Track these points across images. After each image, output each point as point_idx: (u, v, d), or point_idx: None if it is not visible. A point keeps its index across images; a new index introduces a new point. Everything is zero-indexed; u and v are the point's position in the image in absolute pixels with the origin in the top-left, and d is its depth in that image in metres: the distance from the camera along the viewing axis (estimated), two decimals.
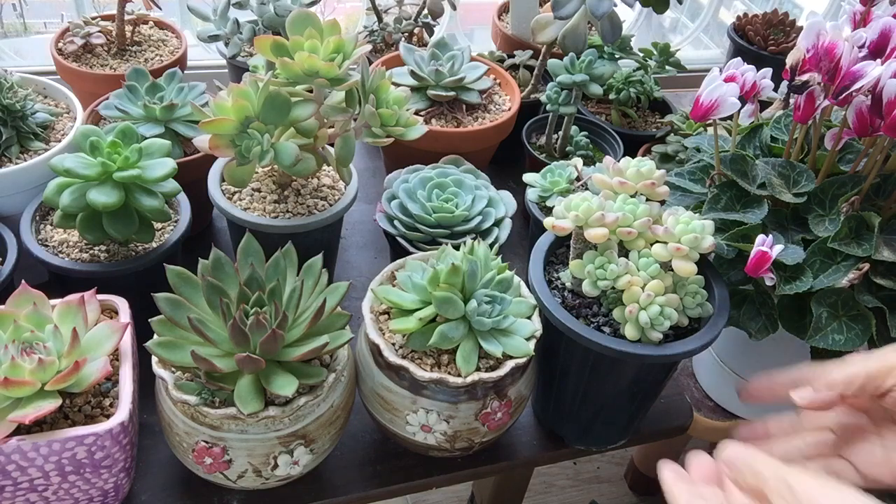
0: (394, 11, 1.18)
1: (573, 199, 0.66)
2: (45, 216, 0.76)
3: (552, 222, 0.66)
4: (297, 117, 0.70)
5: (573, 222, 0.65)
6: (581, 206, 0.65)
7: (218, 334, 0.58)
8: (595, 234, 0.64)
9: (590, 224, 0.65)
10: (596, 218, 0.64)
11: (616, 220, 0.64)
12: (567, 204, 0.66)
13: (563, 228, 0.65)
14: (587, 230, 0.65)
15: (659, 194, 0.69)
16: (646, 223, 0.65)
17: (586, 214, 0.64)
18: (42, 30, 1.34)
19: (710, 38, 1.65)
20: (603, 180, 0.70)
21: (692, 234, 0.64)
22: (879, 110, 0.63)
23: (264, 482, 0.63)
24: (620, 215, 0.65)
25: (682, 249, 0.63)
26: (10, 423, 0.53)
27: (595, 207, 0.65)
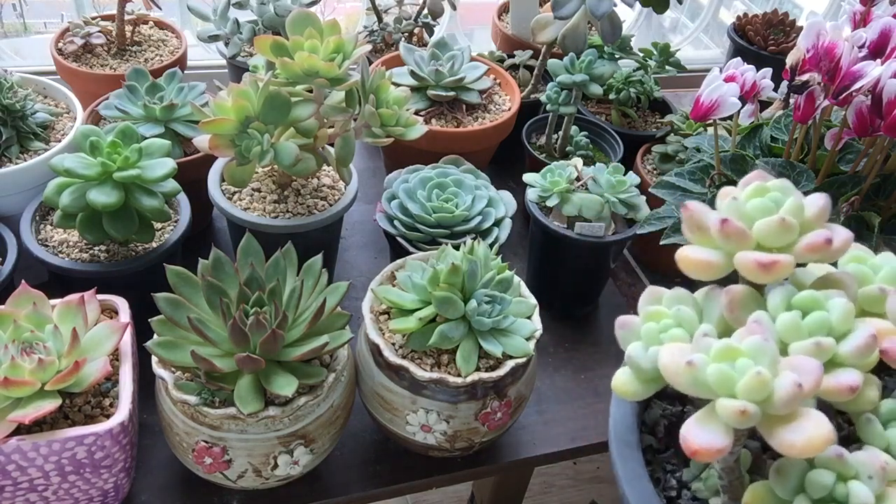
0: (394, 11, 1.18)
1: (700, 365, 0.36)
2: (45, 216, 0.76)
3: (626, 389, 0.41)
4: (297, 117, 0.70)
5: (735, 424, 0.35)
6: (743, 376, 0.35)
7: (218, 334, 0.58)
8: (812, 441, 0.34)
9: (780, 413, 0.35)
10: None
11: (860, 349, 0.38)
12: (697, 376, 0.36)
13: (714, 451, 0.35)
14: (780, 431, 0.35)
15: (833, 255, 0.41)
16: (870, 344, 0.38)
17: (758, 395, 0.35)
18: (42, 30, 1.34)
19: (710, 38, 1.65)
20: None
21: None
22: (879, 110, 0.63)
23: (264, 482, 0.63)
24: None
25: None
26: (10, 423, 0.53)
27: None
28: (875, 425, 0.40)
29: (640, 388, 0.40)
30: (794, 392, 0.34)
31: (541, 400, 0.81)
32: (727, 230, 0.39)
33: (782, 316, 0.38)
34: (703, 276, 0.41)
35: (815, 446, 0.34)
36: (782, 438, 0.34)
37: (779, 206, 0.40)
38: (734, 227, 0.39)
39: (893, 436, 0.40)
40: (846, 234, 0.40)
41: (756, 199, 0.41)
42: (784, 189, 0.41)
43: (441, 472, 0.73)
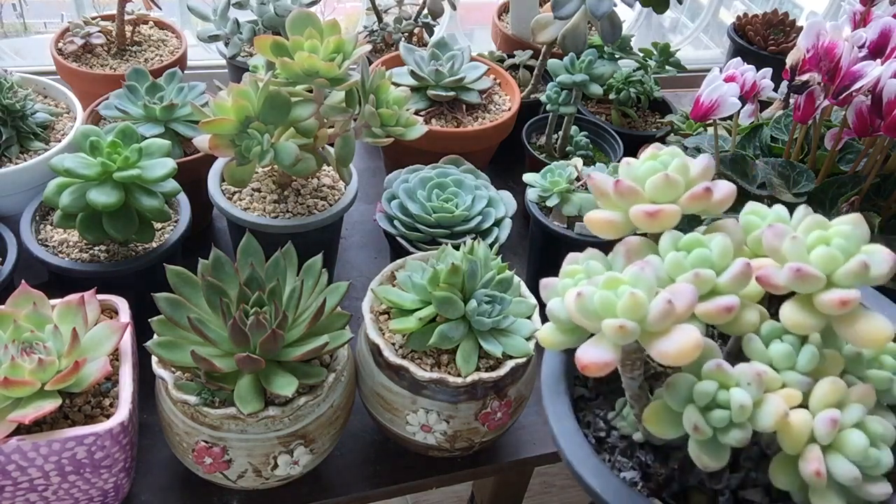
0: (394, 11, 1.18)
1: (588, 294, 0.40)
2: (45, 216, 0.76)
3: (549, 340, 0.43)
4: (297, 117, 0.70)
5: (617, 340, 0.39)
6: (619, 302, 0.39)
7: (218, 334, 0.58)
8: (682, 348, 0.38)
9: (655, 329, 0.39)
10: (662, 313, 0.39)
11: (724, 308, 0.40)
12: (585, 304, 0.40)
13: (600, 364, 0.39)
14: (656, 344, 0.39)
15: (717, 206, 0.45)
16: (744, 271, 0.41)
17: (634, 314, 0.39)
18: (42, 30, 1.34)
19: (710, 38, 1.65)
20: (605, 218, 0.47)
21: (849, 254, 0.40)
22: (879, 110, 0.63)
23: (264, 482, 0.63)
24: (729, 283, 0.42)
25: (848, 299, 0.38)
26: (10, 423, 0.53)
27: (643, 291, 0.39)
28: (756, 343, 0.44)
29: (562, 338, 0.44)
30: (666, 308, 0.39)
31: (541, 400, 0.81)
32: (621, 189, 0.45)
33: (669, 255, 0.43)
34: (608, 233, 0.47)
35: (686, 352, 0.38)
36: (658, 349, 0.39)
37: (666, 167, 0.46)
38: (626, 186, 0.45)
39: (774, 351, 0.43)
40: (727, 187, 0.45)
41: (647, 163, 0.47)
42: (672, 153, 0.47)
43: (441, 472, 0.73)
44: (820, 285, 0.40)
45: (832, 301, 0.39)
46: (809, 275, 0.39)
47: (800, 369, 0.43)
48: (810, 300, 0.40)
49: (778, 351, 0.43)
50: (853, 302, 0.38)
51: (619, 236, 0.46)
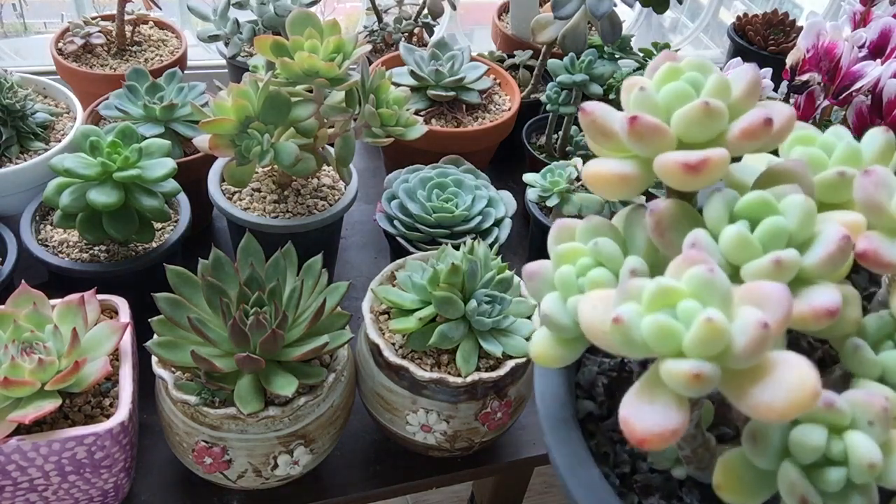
0: (394, 11, 1.18)
1: (630, 319, 0.27)
2: (45, 216, 0.76)
3: (545, 354, 0.32)
4: (297, 117, 0.70)
5: (689, 392, 0.27)
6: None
7: (218, 334, 0.58)
8: (794, 397, 0.26)
9: (743, 367, 0.27)
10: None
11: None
12: (630, 334, 0.27)
13: (667, 434, 0.27)
14: (748, 391, 0.27)
15: (774, 139, 0.33)
16: (843, 247, 0.29)
17: (712, 349, 0.26)
18: (42, 30, 1.34)
19: (710, 38, 1.65)
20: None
21: None
22: (879, 110, 0.63)
23: (264, 482, 0.63)
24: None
25: None
26: (10, 423, 0.53)
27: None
28: (864, 352, 0.31)
29: (563, 352, 0.32)
30: (761, 336, 0.25)
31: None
32: (638, 129, 0.31)
33: (726, 230, 0.30)
34: (620, 193, 0.33)
35: (802, 403, 0.25)
36: (756, 401, 0.26)
37: (698, 89, 0.32)
38: (647, 124, 0.31)
39: (889, 359, 0.31)
40: (787, 111, 0.33)
41: (670, 85, 0.32)
42: (701, 67, 0.34)
43: (441, 472, 0.73)
44: None
45: None
46: None
47: None
48: None
49: (893, 361, 0.31)
50: None
51: (634, 196, 0.34)
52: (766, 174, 0.33)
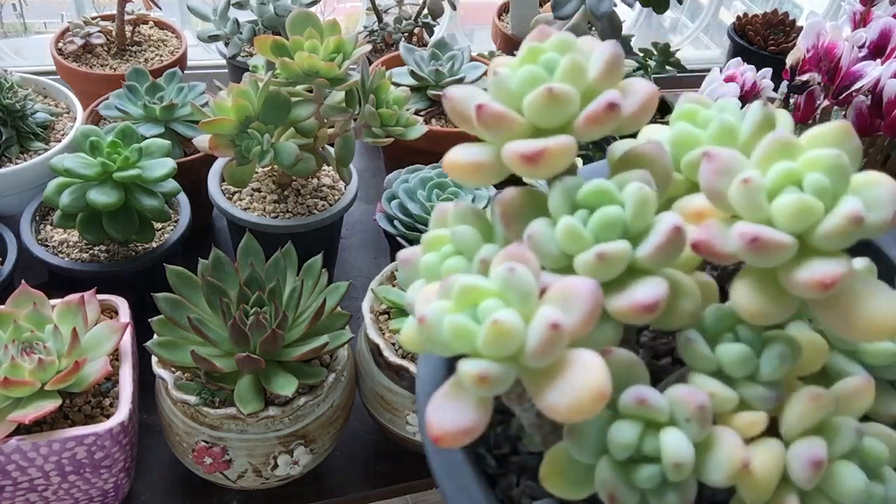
0: (394, 11, 1.18)
1: (434, 319, 0.27)
2: (45, 216, 0.76)
3: (414, 341, 0.30)
4: (297, 117, 0.70)
5: (480, 393, 0.27)
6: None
7: (218, 334, 0.58)
8: (576, 401, 0.26)
9: (537, 367, 0.26)
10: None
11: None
12: (432, 334, 0.27)
13: (459, 433, 0.26)
14: (542, 390, 0.26)
15: (632, 121, 0.31)
16: (672, 239, 0.28)
17: (502, 350, 0.26)
18: (42, 30, 1.34)
19: (710, 38, 1.65)
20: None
21: (831, 197, 0.27)
22: (879, 110, 0.63)
23: (264, 482, 0.63)
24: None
25: (833, 278, 0.26)
26: (10, 423, 0.53)
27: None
28: (696, 346, 0.30)
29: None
30: (549, 337, 0.25)
31: None
32: (484, 118, 0.30)
33: (560, 222, 0.29)
34: (476, 180, 0.33)
35: (583, 407, 0.25)
36: (547, 401, 0.26)
37: (553, 72, 0.30)
38: (491, 112, 0.30)
39: (725, 354, 0.30)
40: (644, 91, 0.31)
41: (524, 68, 0.31)
42: (564, 45, 0.31)
43: None
44: (787, 255, 0.27)
45: (808, 282, 0.26)
46: (771, 243, 0.26)
47: (764, 378, 0.29)
48: (774, 276, 0.28)
49: (730, 354, 0.29)
50: (840, 280, 0.26)
51: (494, 182, 0.33)
52: (622, 158, 0.32)
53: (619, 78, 0.31)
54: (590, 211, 0.29)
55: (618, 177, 0.30)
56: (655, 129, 0.36)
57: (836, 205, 0.27)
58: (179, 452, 0.63)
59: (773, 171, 0.28)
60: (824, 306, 0.27)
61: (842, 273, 0.26)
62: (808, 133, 0.29)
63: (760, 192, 0.28)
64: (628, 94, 0.30)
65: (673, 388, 0.29)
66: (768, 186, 0.28)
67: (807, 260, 0.27)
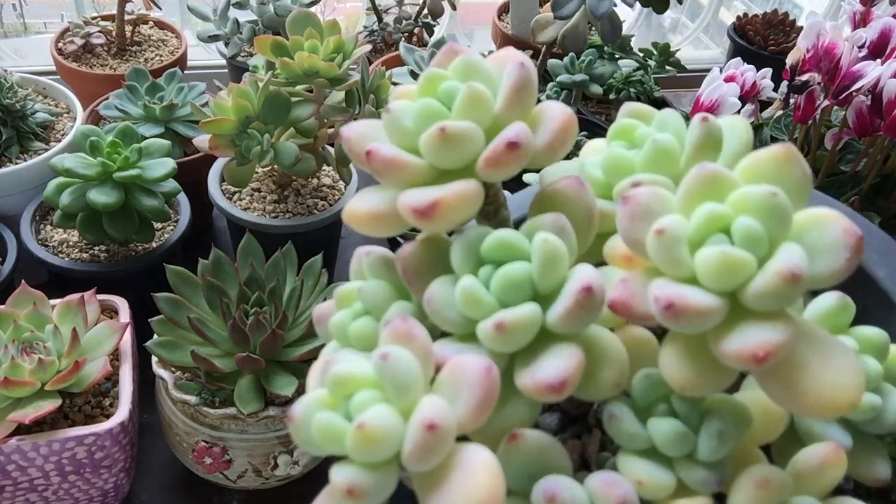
0: (394, 11, 1.18)
1: (305, 414, 0.26)
2: (45, 216, 0.76)
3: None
4: (297, 117, 0.70)
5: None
6: None
7: (218, 334, 0.58)
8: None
9: (418, 471, 0.24)
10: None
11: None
12: (303, 431, 0.26)
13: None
14: (426, 498, 0.24)
15: (544, 156, 0.28)
16: (583, 303, 0.25)
17: (374, 454, 0.24)
18: (42, 30, 1.34)
19: (710, 38, 1.65)
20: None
21: (767, 246, 0.23)
22: (879, 110, 0.63)
23: (264, 482, 0.63)
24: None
25: (767, 351, 0.22)
26: (10, 423, 0.53)
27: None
28: (622, 422, 0.26)
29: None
30: (425, 440, 0.22)
31: None
32: (375, 164, 0.26)
33: (459, 284, 0.25)
34: (379, 231, 0.29)
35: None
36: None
37: (449, 105, 0.27)
38: (381, 158, 0.26)
39: (657, 431, 0.26)
40: (559, 118, 0.27)
41: (421, 101, 0.27)
42: (467, 70, 0.27)
43: None
44: (713, 321, 0.22)
45: (738, 354, 0.22)
46: (689, 310, 0.22)
47: (703, 459, 0.25)
48: (704, 343, 0.23)
49: (663, 432, 0.25)
50: (777, 351, 0.21)
51: (397, 234, 0.30)
52: (539, 197, 0.28)
53: (528, 106, 0.27)
54: (496, 266, 0.25)
55: (528, 223, 0.26)
56: (595, 148, 0.32)
57: (772, 254, 0.22)
58: (179, 452, 0.63)
59: (697, 216, 0.23)
60: (765, 377, 0.23)
61: (778, 343, 0.21)
62: (743, 162, 0.25)
63: (679, 244, 0.23)
64: (540, 123, 0.27)
65: (591, 478, 0.24)
66: (691, 235, 0.23)
67: (739, 324, 0.22)
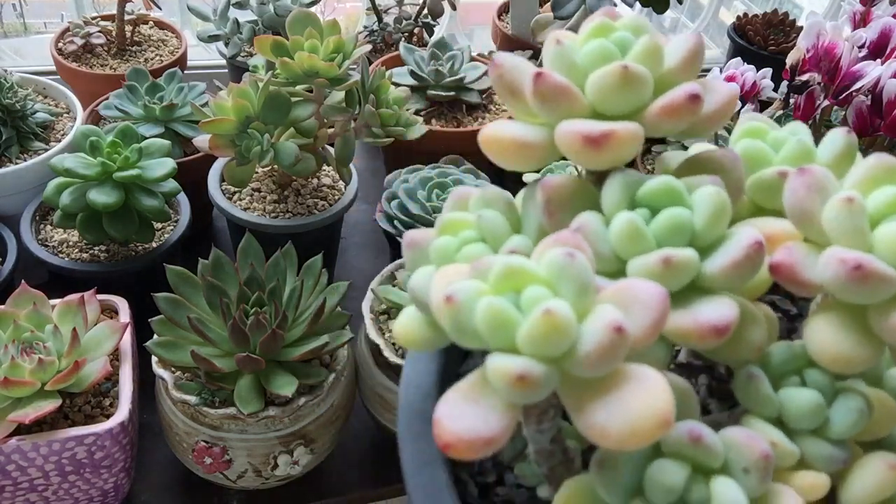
0: (394, 11, 1.18)
1: (465, 299, 0.22)
2: (45, 216, 0.76)
3: (410, 336, 0.28)
4: (297, 117, 0.70)
5: (515, 398, 0.22)
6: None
7: (218, 334, 0.58)
8: (637, 425, 0.21)
9: (588, 375, 0.22)
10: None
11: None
12: (460, 318, 0.22)
13: (479, 443, 0.22)
14: (587, 407, 0.22)
15: (709, 122, 0.29)
16: (752, 255, 0.24)
17: (551, 348, 0.21)
18: (42, 30, 1.34)
19: (710, 38, 1.65)
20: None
21: None
22: (879, 110, 0.63)
23: (264, 482, 0.63)
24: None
25: None
26: (10, 423, 0.53)
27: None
28: (758, 384, 0.25)
29: (431, 335, 0.27)
30: (611, 341, 0.21)
31: None
32: (542, 89, 0.26)
33: (617, 217, 0.25)
34: (518, 163, 0.28)
35: (644, 433, 0.21)
36: (592, 420, 0.21)
37: (625, 52, 0.27)
38: (552, 83, 0.26)
39: (792, 400, 0.25)
40: (727, 91, 0.28)
41: (593, 42, 0.27)
42: (637, 28, 0.28)
43: None
44: (891, 292, 0.22)
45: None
46: (876, 274, 0.22)
47: (833, 434, 0.25)
48: (863, 315, 0.23)
49: (798, 401, 0.25)
50: None
51: (539, 168, 0.29)
52: (689, 161, 0.28)
53: (696, 72, 0.27)
54: (651, 212, 0.25)
55: (686, 179, 0.26)
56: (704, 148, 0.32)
57: None
58: (179, 452, 0.63)
59: (879, 195, 0.24)
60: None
61: None
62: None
63: (863, 216, 0.23)
64: (707, 91, 0.26)
65: (730, 431, 0.24)
66: (871, 212, 0.24)
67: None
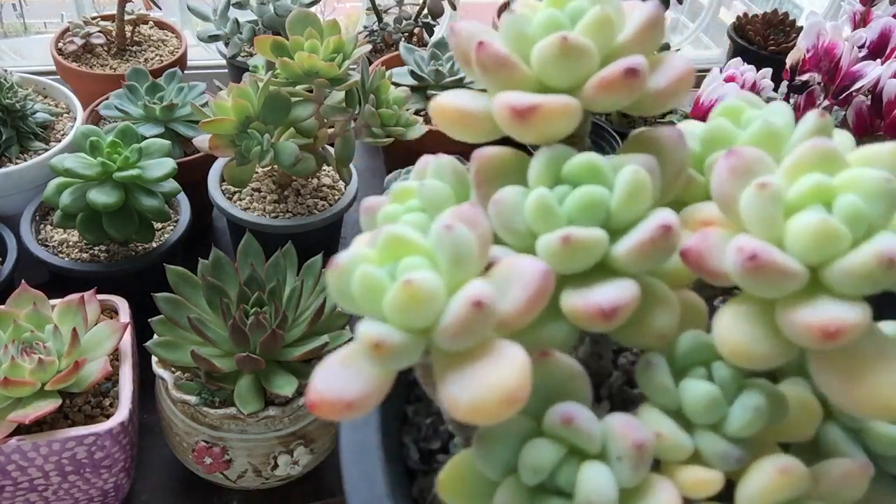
0: (394, 11, 1.18)
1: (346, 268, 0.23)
2: (45, 216, 0.76)
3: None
4: (297, 117, 0.70)
5: (377, 363, 0.22)
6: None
7: (218, 334, 0.58)
8: (481, 398, 0.21)
9: (447, 348, 0.23)
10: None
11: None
12: (342, 285, 0.23)
13: (341, 404, 0.23)
14: (446, 377, 0.22)
15: (657, 100, 0.27)
16: (657, 239, 0.24)
17: (412, 318, 0.22)
18: (42, 30, 1.34)
19: (710, 38, 1.65)
20: None
21: (865, 229, 0.22)
22: (879, 110, 0.63)
23: (264, 482, 0.63)
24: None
25: (839, 328, 0.21)
26: (10, 423, 0.53)
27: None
28: (656, 373, 0.25)
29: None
30: (469, 315, 0.21)
31: None
32: (483, 58, 0.25)
33: (532, 193, 0.25)
34: (466, 133, 0.28)
35: (488, 409, 0.20)
36: (447, 391, 0.21)
37: (576, 21, 0.26)
38: (492, 53, 0.25)
39: (690, 392, 0.24)
40: (680, 66, 0.26)
41: (546, 11, 0.26)
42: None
43: None
44: (791, 287, 0.21)
45: (808, 325, 0.21)
46: (772, 267, 0.21)
47: (730, 432, 0.24)
48: (770, 311, 0.22)
49: (695, 393, 0.24)
50: (848, 331, 0.20)
51: (483, 140, 0.28)
52: (633, 139, 0.27)
53: (653, 45, 0.26)
54: (573, 187, 0.25)
55: (617, 157, 0.26)
56: (693, 125, 0.32)
57: (868, 238, 0.21)
58: (179, 452, 0.63)
59: (802, 183, 0.22)
60: (823, 361, 0.22)
61: (851, 323, 0.20)
62: (862, 149, 0.24)
63: (777, 204, 0.22)
64: (660, 67, 0.26)
65: (611, 417, 0.23)
66: (789, 200, 0.23)
67: (814, 298, 0.21)
